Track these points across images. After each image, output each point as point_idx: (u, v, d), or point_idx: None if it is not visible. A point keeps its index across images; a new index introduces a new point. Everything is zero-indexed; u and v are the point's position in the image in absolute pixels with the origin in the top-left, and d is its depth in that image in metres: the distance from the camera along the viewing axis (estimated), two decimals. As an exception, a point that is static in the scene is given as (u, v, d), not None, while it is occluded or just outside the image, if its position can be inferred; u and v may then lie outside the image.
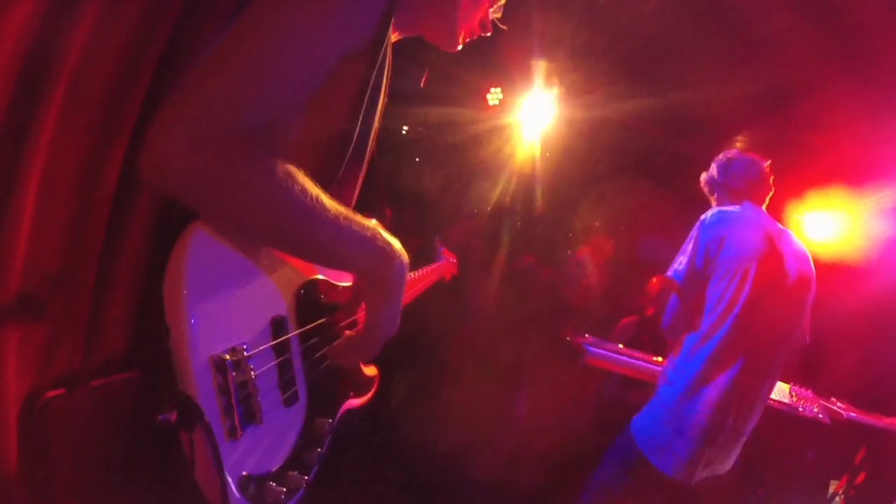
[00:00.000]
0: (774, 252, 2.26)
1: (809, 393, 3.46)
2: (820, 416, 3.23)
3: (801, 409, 3.19)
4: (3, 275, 1.30)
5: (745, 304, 2.17)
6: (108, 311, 1.68)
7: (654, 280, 4.18)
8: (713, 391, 2.18)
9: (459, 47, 1.20)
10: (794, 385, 3.51)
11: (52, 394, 1.50)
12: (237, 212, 0.76)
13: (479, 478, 3.15)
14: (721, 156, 2.55)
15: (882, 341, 4.09)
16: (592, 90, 4.09)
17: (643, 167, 4.58)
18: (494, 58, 4.02)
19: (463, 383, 3.30)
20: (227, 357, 0.78)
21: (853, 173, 4.21)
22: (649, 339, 3.67)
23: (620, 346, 3.23)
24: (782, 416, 3.16)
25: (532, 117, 4.11)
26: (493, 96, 3.99)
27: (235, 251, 0.85)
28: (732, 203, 2.45)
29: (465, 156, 3.91)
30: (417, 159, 4.19)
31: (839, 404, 3.55)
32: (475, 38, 1.21)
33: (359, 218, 0.91)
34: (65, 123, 1.38)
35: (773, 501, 3.53)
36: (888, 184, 4.15)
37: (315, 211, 0.82)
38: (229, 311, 0.82)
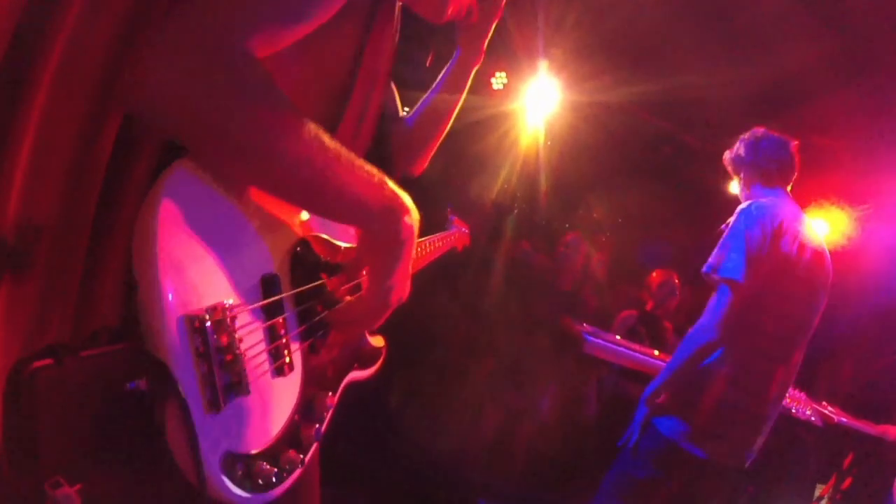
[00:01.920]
0: (812, 245, 2.25)
1: (803, 395, 3.44)
2: (812, 418, 3.24)
3: (794, 411, 3.18)
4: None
5: (791, 298, 2.20)
6: (101, 280, 1.59)
7: (654, 274, 4.14)
8: (769, 386, 2.22)
9: (444, 21, 1.11)
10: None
11: (39, 364, 1.41)
12: (218, 133, 0.67)
13: (479, 474, 3.10)
14: (748, 134, 2.45)
15: (876, 348, 4.08)
16: (596, 77, 4.01)
17: (646, 158, 4.52)
18: (498, 43, 3.93)
19: (459, 377, 3.23)
20: (207, 317, 0.68)
21: (851, 180, 4.18)
22: (648, 332, 3.62)
23: (618, 337, 3.18)
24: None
25: (535, 104, 4.02)
26: (498, 80, 3.91)
27: (224, 197, 0.74)
28: (761, 184, 2.37)
29: (468, 142, 3.81)
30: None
31: (830, 409, 3.55)
32: (461, 17, 1.13)
33: (364, 162, 0.81)
34: (63, 81, 1.29)
35: (761, 501, 3.51)
36: (884, 190, 4.13)
37: (312, 140, 0.73)
38: (211, 265, 0.71)
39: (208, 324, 0.67)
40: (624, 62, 4.00)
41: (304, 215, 0.91)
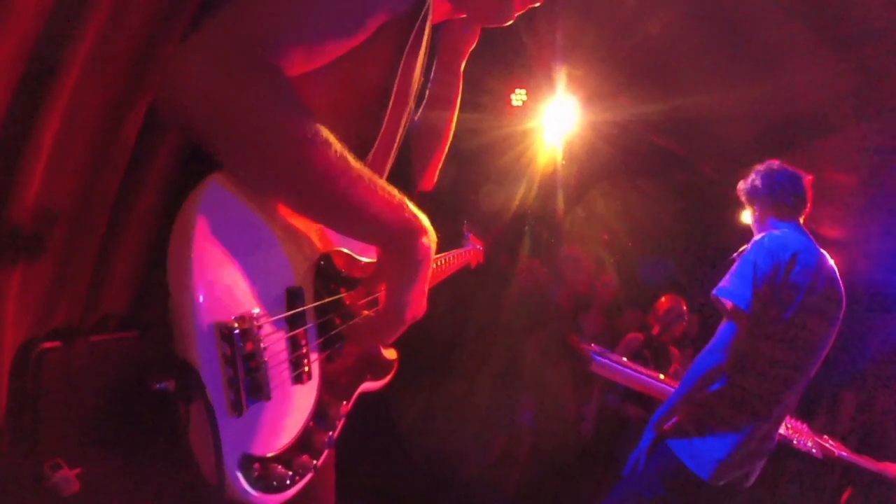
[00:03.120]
0: (825, 276, 2.28)
1: (805, 427, 3.42)
2: (813, 450, 3.21)
3: (795, 442, 3.16)
4: (13, 208, 1.25)
5: (803, 328, 2.22)
6: (114, 269, 1.62)
7: (663, 299, 4.15)
8: (775, 411, 2.27)
9: (511, 21, 1.13)
10: (790, 418, 3.47)
11: (48, 345, 1.44)
12: (243, 141, 0.70)
13: (478, 480, 3.10)
14: (763, 166, 2.48)
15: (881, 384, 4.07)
16: (613, 97, 4.05)
17: (660, 180, 4.54)
18: (519, 61, 3.97)
19: (463, 386, 3.24)
20: (236, 325, 0.71)
21: (860, 215, 4.18)
22: (653, 356, 3.63)
23: (624, 358, 3.19)
24: (777, 444, 3.13)
25: (553, 122, 4.05)
26: (518, 97, 3.94)
27: (253, 211, 0.78)
28: (776, 217, 2.40)
29: (485, 159, 3.84)
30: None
31: (831, 442, 3.54)
32: (528, 6, 1.13)
33: (385, 183, 0.84)
34: (92, 70, 1.33)
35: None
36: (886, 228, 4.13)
37: (336, 159, 0.75)
38: (241, 276, 0.74)
39: (236, 332, 0.71)
40: (641, 82, 4.03)
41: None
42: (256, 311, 0.76)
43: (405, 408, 3.01)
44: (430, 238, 0.91)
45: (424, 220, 0.91)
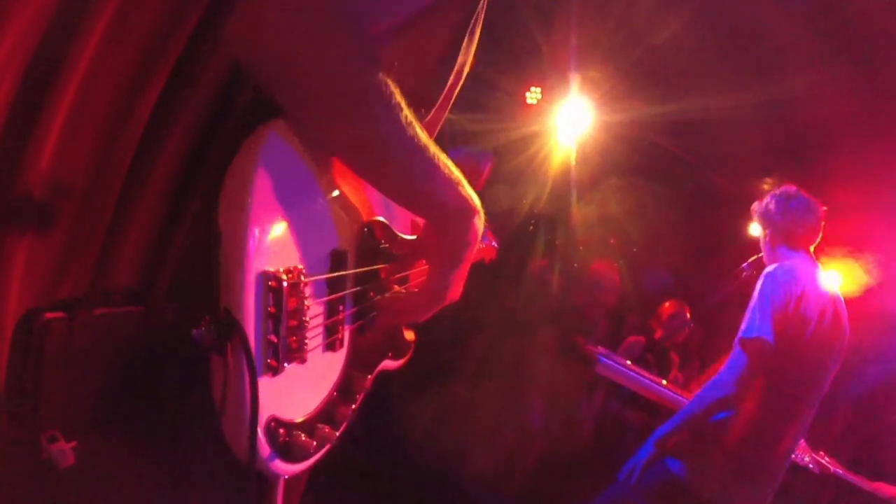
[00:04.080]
0: (832, 306, 2.32)
1: (802, 442, 3.43)
2: (810, 465, 3.25)
3: (793, 456, 3.18)
4: (24, 177, 1.22)
5: (811, 358, 2.26)
6: (123, 243, 1.60)
7: (667, 304, 4.14)
8: (782, 441, 2.33)
9: None
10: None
11: (51, 315, 1.41)
12: (322, 94, 0.68)
13: (480, 481, 3.09)
14: (779, 191, 2.49)
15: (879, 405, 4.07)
16: (628, 99, 4.04)
17: (668, 183, 4.53)
18: (534, 59, 3.96)
19: (470, 387, 3.22)
20: (285, 277, 0.68)
21: (859, 234, 4.17)
22: (655, 360, 3.62)
23: (628, 361, 3.19)
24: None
25: (567, 123, 4.04)
26: (533, 95, 3.92)
27: (307, 166, 0.75)
28: (787, 245, 2.42)
29: (501, 158, 3.82)
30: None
31: (827, 458, 3.57)
32: None
33: (447, 159, 0.82)
34: (109, 43, 1.30)
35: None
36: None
37: (406, 125, 0.73)
38: (291, 229, 0.72)
39: (285, 285, 0.68)
40: (656, 86, 4.03)
41: (371, 198, 0.92)
42: (304, 267, 0.73)
43: (411, 408, 3.00)
44: (482, 221, 0.89)
45: (478, 202, 0.89)
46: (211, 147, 0.76)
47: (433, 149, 0.79)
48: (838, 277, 3.90)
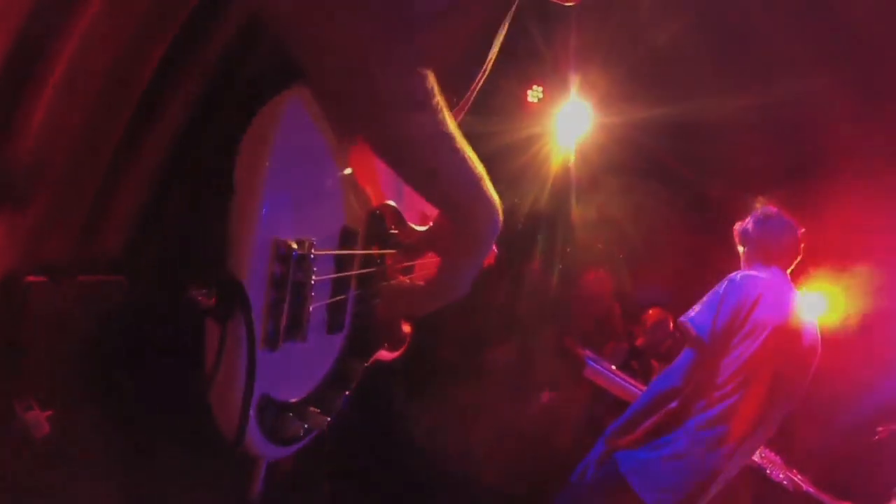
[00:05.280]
0: (795, 319, 2.32)
1: (778, 459, 3.47)
2: (784, 482, 3.30)
3: (768, 471, 3.23)
4: (14, 139, 1.16)
5: (762, 365, 2.24)
6: (111, 210, 1.54)
7: (651, 312, 4.14)
8: (726, 444, 2.28)
9: None
10: (765, 448, 3.52)
11: (33, 279, 1.36)
12: (350, 67, 0.65)
13: (475, 481, 3.07)
14: (759, 211, 2.53)
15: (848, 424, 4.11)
16: (627, 102, 4.04)
17: (664, 189, 4.54)
18: (535, 58, 3.94)
19: (458, 387, 3.20)
20: (295, 246, 0.64)
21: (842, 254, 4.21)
22: (639, 366, 3.63)
23: (613, 367, 3.19)
24: (750, 473, 3.18)
25: (567, 125, 4.04)
26: (534, 94, 3.91)
27: (326, 139, 0.71)
28: (761, 262, 2.44)
29: (500, 160, 3.80)
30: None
31: (800, 477, 3.62)
32: None
33: (471, 151, 0.79)
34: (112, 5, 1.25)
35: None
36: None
37: (435, 109, 0.71)
38: (306, 199, 0.68)
39: (294, 255, 0.64)
40: (655, 90, 4.03)
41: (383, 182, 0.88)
42: (314, 239, 0.69)
43: (409, 408, 2.96)
44: (500, 220, 0.86)
45: (497, 200, 0.85)
46: (224, 106, 0.71)
47: (459, 136, 0.76)
48: (820, 302, 3.94)
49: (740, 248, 2.55)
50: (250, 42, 1.04)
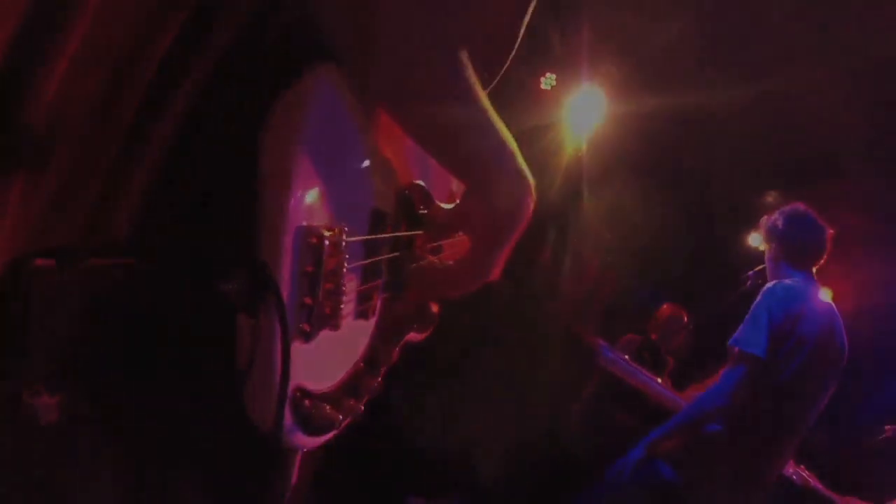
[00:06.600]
0: (830, 328, 2.36)
1: (787, 455, 3.48)
2: (794, 477, 3.30)
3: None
4: (26, 107, 1.13)
5: (805, 381, 2.30)
6: (122, 193, 1.51)
7: (665, 306, 4.13)
8: (771, 446, 2.37)
9: None
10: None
11: (41, 262, 1.33)
12: (384, 41, 0.63)
13: (479, 477, 3.07)
14: (789, 209, 2.51)
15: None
16: (638, 96, 4.01)
17: (670, 184, 4.52)
18: (549, 47, 3.90)
19: (462, 381, 3.19)
20: (326, 234, 0.61)
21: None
22: (651, 359, 3.64)
23: (627, 357, 3.19)
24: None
25: (579, 115, 4.01)
26: (547, 81, 3.88)
27: (354, 118, 0.69)
28: (789, 263, 2.44)
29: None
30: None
31: (807, 473, 3.63)
32: None
33: (505, 127, 0.76)
34: None
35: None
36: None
37: (470, 85, 0.68)
38: (336, 182, 0.65)
39: (326, 242, 0.61)
40: (667, 83, 3.99)
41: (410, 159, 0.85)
42: (346, 225, 0.66)
43: (410, 405, 2.95)
44: (533, 199, 0.82)
45: (531, 179, 0.82)
46: (249, 81, 0.68)
47: (493, 112, 0.73)
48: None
49: (766, 244, 2.54)
50: (278, 17, 1.01)
